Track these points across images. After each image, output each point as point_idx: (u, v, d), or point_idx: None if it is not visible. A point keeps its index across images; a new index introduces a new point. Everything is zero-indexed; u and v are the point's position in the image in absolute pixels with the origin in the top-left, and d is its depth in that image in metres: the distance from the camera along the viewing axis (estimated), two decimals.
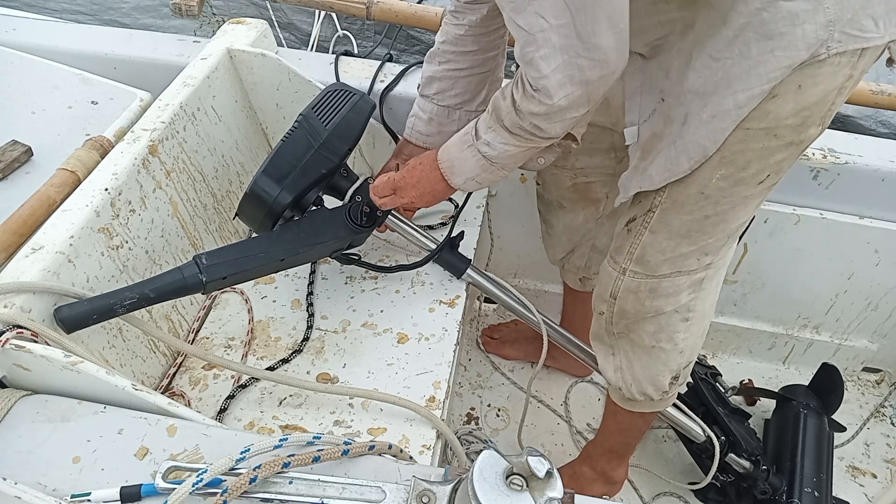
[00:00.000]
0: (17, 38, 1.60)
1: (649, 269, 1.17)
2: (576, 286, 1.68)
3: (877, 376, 2.02)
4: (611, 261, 1.23)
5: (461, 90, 1.29)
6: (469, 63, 1.26)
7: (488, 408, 1.86)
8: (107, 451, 0.84)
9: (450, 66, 1.27)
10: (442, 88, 1.29)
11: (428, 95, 1.31)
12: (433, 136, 1.32)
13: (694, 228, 1.11)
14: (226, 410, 1.18)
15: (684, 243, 1.14)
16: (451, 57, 1.26)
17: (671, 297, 1.19)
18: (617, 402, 1.40)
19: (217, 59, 1.43)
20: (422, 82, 1.32)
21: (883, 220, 1.62)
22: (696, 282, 1.19)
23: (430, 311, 1.35)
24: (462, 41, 1.24)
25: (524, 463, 0.65)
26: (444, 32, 1.26)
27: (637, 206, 1.16)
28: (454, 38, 1.25)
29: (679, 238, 1.13)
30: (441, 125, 1.32)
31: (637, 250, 1.17)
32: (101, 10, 3.74)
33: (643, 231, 1.15)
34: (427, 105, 1.32)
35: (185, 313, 1.33)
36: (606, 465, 1.59)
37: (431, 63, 1.30)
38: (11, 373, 0.91)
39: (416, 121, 1.34)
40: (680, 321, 1.23)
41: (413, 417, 1.14)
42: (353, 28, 2.85)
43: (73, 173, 1.20)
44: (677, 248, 1.14)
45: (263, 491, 0.76)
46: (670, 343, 1.26)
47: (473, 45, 1.25)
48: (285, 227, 1.18)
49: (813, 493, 1.54)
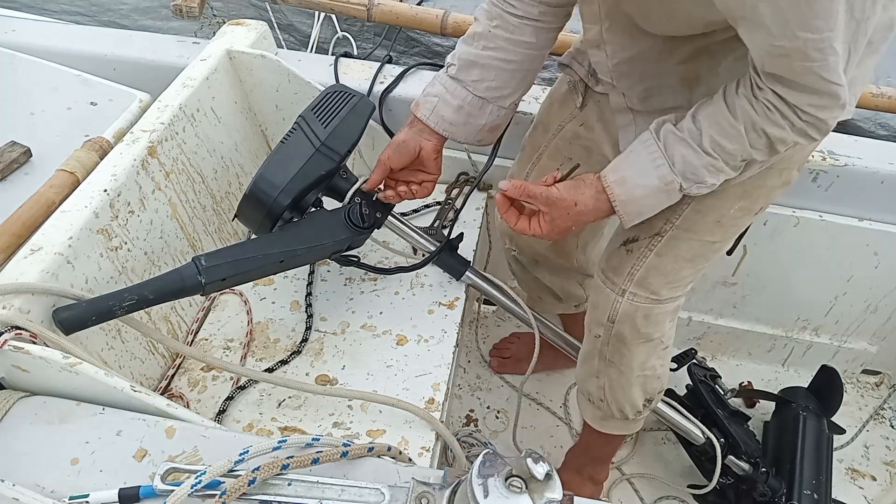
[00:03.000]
0: (16, 39, 1.60)
1: (649, 292, 1.16)
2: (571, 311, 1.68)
3: (876, 378, 2.02)
4: (607, 281, 1.20)
5: (503, 83, 1.14)
6: (521, 56, 1.12)
7: (487, 410, 1.86)
8: (105, 452, 0.83)
9: (498, 53, 1.11)
10: (483, 77, 1.13)
11: (463, 80, 1.14)
12: (458, 127, 1.17)
13: (699, 254, 1.13)
14: (225, 412, 1.18)
15: (686, 267, 1.14)
16: (503, 44, 1.11)
17: (659, 325, 1.21)
18: (590, 422, 1.41)
19: (216, 61, 1.43)
20: (456, 63, 1.14)
21: (882, 222, 1.62)
22: (675, 309, 1.22)
23: (429, 313, 1.34)
24: (521, 29, 1.10)
25: (523, 465, 0.65)
26: (498, 16, 1.10)
27: (639, 228, 1.12)
28: (512, 25, 1.10)
29: (683, 262, 1.14)
30: (470, 116, 1.16)
31: (639, 272, 1.15)
32: (100, 11, 3.74)
33: (647, 253, 1.14)
34: (460, 91, 1.14)
35: (184, 315, 1.33)
36: (592, 471, 1.60)
37: (473, 45, 1.13)
38: (10, 374, 0.91)
39: (442, 105, 1.15)
40: (662, 349, 1.26)
41: (412, 419, 1.14)
42: (353, 30, 2.85)
43: (72, 174, 1.20)
44: (679, 272, 1.15)
45: (262, 493, 0.75)
46: (652, 370, 1.28)
47: (532, 37, 1.11)
48: (284, 229, 1.18)
49: (812, 496, 1.54)
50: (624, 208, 1.02)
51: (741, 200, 1.09)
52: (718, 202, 1.08)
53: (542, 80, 3.29)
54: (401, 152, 1.18)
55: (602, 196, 1.02)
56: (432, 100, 1.16)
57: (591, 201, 1.02)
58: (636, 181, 1.00)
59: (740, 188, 1.06)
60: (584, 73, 1.24)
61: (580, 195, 1.02)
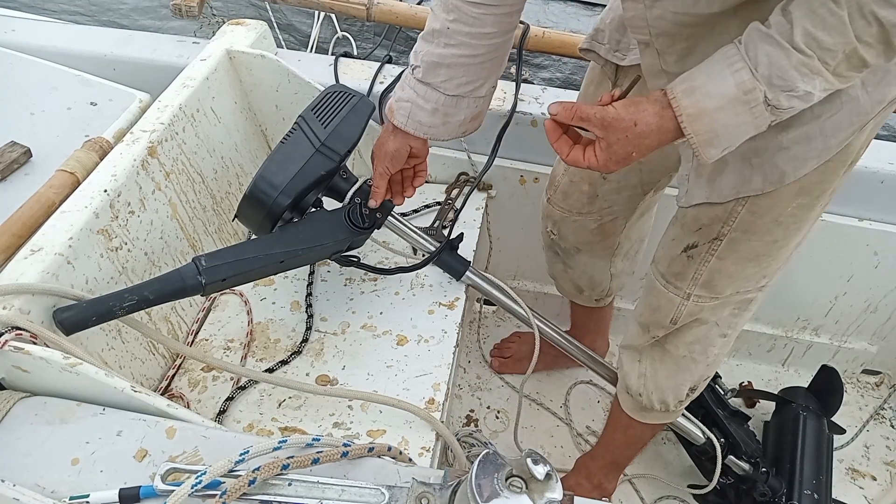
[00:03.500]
0: (15, 39, 1.60)
1: (715, 293, 1.15)
2: (590, 304, 1.67)
3: (876, 378, 2.02)
4: (670, 286, 1.18)
5: (473, 77, 1.08)
6: (486, 48, 1.05)
7: (487, 410, 1.86)
8: (106, 452, 0.83)
9: (462, 50, 1.04)
10: (451, 76, 1.07)
11: (431, 83, 1.08)
12: (437, 128, 1.13)
13: (762, 253, 1.09)
14: (225, 412, 1.18)
15: (751, 266, 1.11)
16: (464, 40, 1.03)
17: (716, 311, 1.18)
18: (629, 412, 1.39)
19: (216, 61, 1.43)
20: (421, 66, 1.08)
21: (882, 222, 1.62)
22: (745, 301, 1.17)
23: (429, 313, 1.34)
24: (481, 20, 1.01)
25: (524, 465, 0.65)
26: (455, 8, 1.01)
27: (698, 233, 1.10)
28: (470, 18, 1.01)
29: (746, 262, 1.10)
30: (447, 115, 1.12)
31: (703, 276, 1.13)
32: (99, 10, 3.74)
33: (709, 258, 1.11)
34: (431, 94, 1.09)
35: (184, 315, 1.33)
36: (604, 478, 1.59)
37: (434, 44, 1.06)
38: (10, 374, 0.91)
39: (416, 110, 1.11)
40: (718, 336, 1.22)
41: (412, 419, 1.14)
42: (353, 29, 2.86)
43: (72, 175, 1.20)
44: (744, 272, 1.12)
45: (262, 493, 0.75)
46: (702, 355, 1.24)
47: (494, 27, 1.02)
48: (284, 229, 1.18)
49: (812, 496, 1.54)
50: (692, 125, 0.82)
51: (798, 198, 1.00)
52: (773, 202, 1.01)
53: (542, 80, 3.30)
54: (395, 161, 1.18)
55: (667, 112, 0.84)
56: (405, 105, 1.12)
57: (654, 119, 0.85)
58: (708, 89, 0.81)
59: (796, 185, 0.98)
60: (607, 50, 1.19)
61: (641, 113, 0.85)
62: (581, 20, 3.05)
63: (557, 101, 0.92)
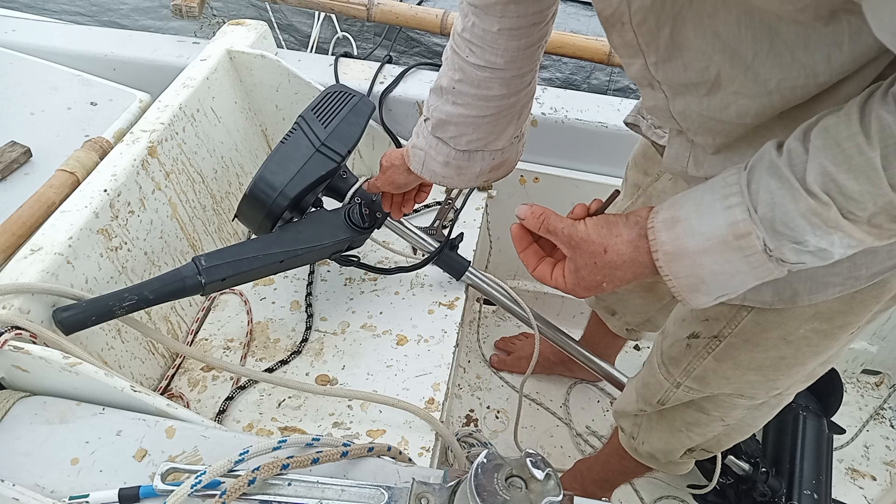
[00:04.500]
0: (16, 39, 1.60)
1: (709, 389, 1.04)
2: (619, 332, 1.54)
3: (876, 378, 2.02)
4: (663, 368, 1.07)
5: (485, 134, 0.97)
6: (496, 109, 0.93)
7: (487, 410, 1.86)
8: (105, 452, 0.83)
9: (469, 111, 0.93)
10: (460, 133, 0.97)
11: (441, 137, 0.99)
12: (452, 178, 1.03)
13: (766, 365, 0.95)
14: (225, 412, 1.18)
15: (752, 374, 0.98)
16: (471, 101, 0.92)
17: (722, 409, 1.08)
18: (625, 445, 1.33)
19: (216, 61, 1.43)
20: (431, 119, 0.98)
21: None
22: (758, 405, 1.06)
23: (429, 313, 1.34)
24: (488, 84, 0.90)
25: (523, 465, 0.65)
26: (460, 68, 0.90)
27: (704, 324, 0.98)
28: (475, 80, 0.90)
29: (747, 370, 0.97)
30: (460, 168, 1.01)
31: (696, 371, 1.02)
32: (100, 11, 3.74)
33: (705, 355, 0.99)
34: (442, 147, 0.99)
35: (183, 315, 1.33)
36: (598, 490, 1.57)
37: (443, 100, 0.96)
38: (10, 374, 0.91)
39: (430, 160, 1.02)
40: (721, 426, 1.13)
41: (412, 419, 1.14)
42: (353, 30, 2.85)
43: (72, 174, 1.20)
44: (743, 377, 0.99)
45: (262, 492, 0.75)
46: (700, 436, 1.17)
47: (503, 89, 0.90)
48: (284, 229, 1.18)
49: (812, 496, 1.54)
50: (669, 265, 0.66)
51: (814, 322, 0.84)
52: (782, 319, 0.86)
53: (542, 79, 3.29)
54: (400, 189, 1.14)
55: (643, 243, 0.68)
56: (419, 153, 1.03)
57: (626, 248, 0.69)
58: (692, 224, 0.64)
59: (812, 309, 0.81)
60: (647, 127, 1.06)
61: (613, 238, 0.70)
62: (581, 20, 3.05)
63: (526, 204, 0.77)
